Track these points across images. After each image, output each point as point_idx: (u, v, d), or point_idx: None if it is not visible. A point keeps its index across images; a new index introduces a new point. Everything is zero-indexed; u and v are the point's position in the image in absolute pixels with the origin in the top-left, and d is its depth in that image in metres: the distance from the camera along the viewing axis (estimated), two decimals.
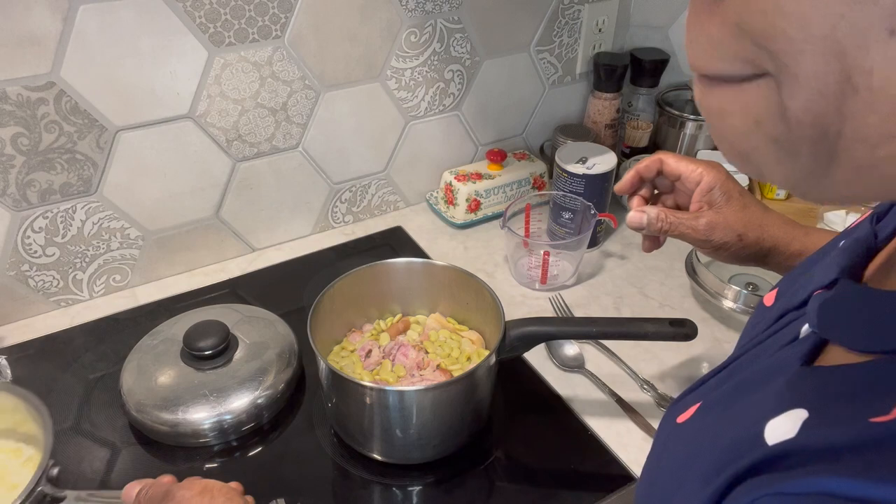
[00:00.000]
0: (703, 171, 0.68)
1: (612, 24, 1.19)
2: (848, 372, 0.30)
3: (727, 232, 0.66)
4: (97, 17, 0.78)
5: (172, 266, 1.00)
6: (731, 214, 0.66)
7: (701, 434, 0.37)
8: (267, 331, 0.84)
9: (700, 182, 0.67)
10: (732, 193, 0.67)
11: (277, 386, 0.78)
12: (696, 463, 0.34)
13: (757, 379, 0.36)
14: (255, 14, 0.87)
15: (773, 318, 0.41)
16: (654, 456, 0.43)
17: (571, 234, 1.04)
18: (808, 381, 0.32)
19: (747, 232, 0.65)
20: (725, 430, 0.34)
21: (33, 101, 0.79)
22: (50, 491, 0.58)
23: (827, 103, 0.24)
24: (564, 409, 0.81)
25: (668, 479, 0.38)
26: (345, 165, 1.07)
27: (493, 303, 0.76)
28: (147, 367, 0.79)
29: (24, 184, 0.84)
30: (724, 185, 0.67)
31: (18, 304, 0.91)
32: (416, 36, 1.01)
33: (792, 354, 0.35)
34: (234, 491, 0.56)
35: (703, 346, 0.89)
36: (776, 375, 0.34)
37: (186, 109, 0.89)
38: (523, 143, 1.23)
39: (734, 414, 0.35)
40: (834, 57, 0.23)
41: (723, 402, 0.38)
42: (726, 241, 0.66)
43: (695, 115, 1.17)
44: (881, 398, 0.27)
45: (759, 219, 0.66)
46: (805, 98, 0.24)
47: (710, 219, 0.66)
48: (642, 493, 0.42)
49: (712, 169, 0.68)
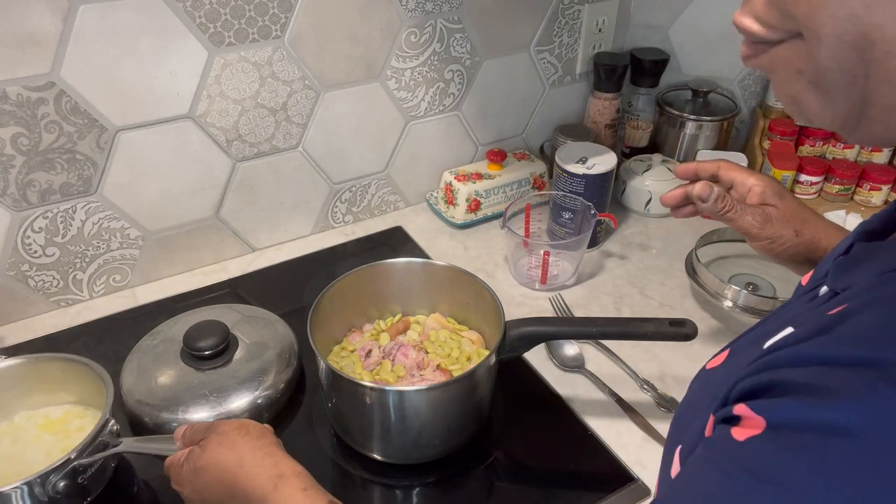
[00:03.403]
0: (755, 178, 0.72)
1: (612, 24, 1.19)
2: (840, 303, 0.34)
3: (784, 225, 0.68)
4: (97, 17, 0.78)
5: (172, 266, 1.00)
6: (787, 210, 0.69)
7: (724, 372, 0.41)
8: (267, 331, 0.84)
9: (751, 188, 0.71)
10: (784, 194, 0.71)
11: (277, 386, 0.78)
12: (717, 392, 0.37)
13: (777, 323, 0.39)
14: (255, 14, 0.87)
15: (804, 292, 0.45)
16: (682, 404, 0.46)
17: (571, 234, 1.04)
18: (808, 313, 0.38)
19: (803, 229, 0.68)
20: (742, 362, 0.37)
21: (33, 101, 0.79)
22: (108, 439, 0.66)
23: (849, 54, 0.30)
24: (564, 409, 0.81)
25: (691, 415, 0.41)
26: (345, 165, 1.07)
27: (493, 303, 0.76)
28: (147, 366, 0.79)
29: (24, 184, 0.84)
30: (776, 187, 0.71)
31: (18, 304, 0.91)
32: (416, 36, 1.01)
33: (811, 303, 0.40)
34: (267, 430, 0.59)
35: (703, 346, 0.89)
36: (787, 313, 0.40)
37: (186, 109, 0.89)
38: (523, 143, 1.23)
39: (752, 349, 0.39)
40: (847, 18, 0.29)
41: (745, 345, 0.42)
42: (782, 234, 0.68)
43: (695, 115, 1.17)
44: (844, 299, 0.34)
45: (814, 219, 0.70)
46: (829, 52, 0.31)
47: (768, 211, 0.69)
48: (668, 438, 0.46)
49: (763, 176, 0.72)
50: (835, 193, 1.12)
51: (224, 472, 0.55)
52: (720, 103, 1.20)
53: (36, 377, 0.73)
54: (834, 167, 1.11)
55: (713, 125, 1.17)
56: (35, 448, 0.70)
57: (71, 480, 0.63)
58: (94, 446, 0.64)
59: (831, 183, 1.11)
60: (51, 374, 0.72)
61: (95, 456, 0.64)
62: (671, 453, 0.42)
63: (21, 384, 0.72)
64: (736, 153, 1.14)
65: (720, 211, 0.70)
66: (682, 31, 1.21)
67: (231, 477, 0.55)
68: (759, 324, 0.47)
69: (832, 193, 1.12)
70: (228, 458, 0.56)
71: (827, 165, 1.11)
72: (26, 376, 0.72)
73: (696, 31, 1.20)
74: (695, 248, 0.96)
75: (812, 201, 1.12)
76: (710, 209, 0.70)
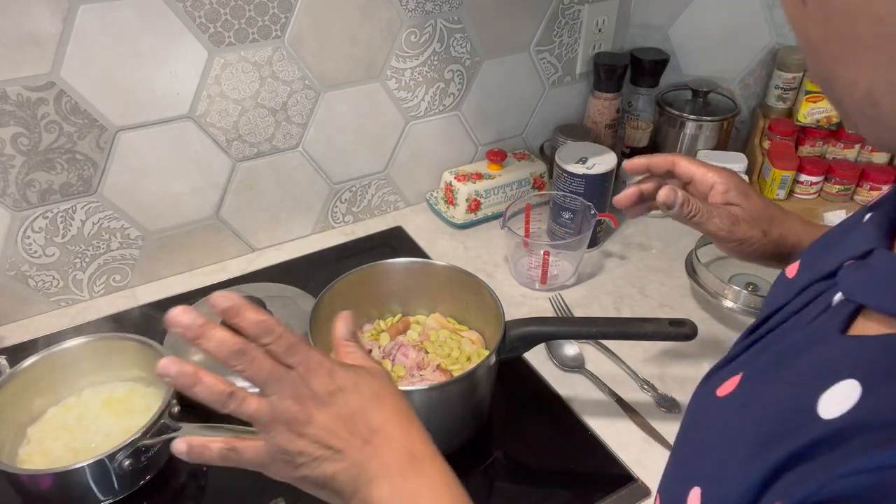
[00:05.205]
0: (716, 175, 0.68)
1: (612, 24, 1.19)
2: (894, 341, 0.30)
3: (751, 226, 0.66)
4: (97, 17, 0.78)
5: (172, 266, 1.00)
6: (753, 210, 0.67)
7: (746, 406, 0.37)
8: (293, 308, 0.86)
9: (713, 185, 0.68)
10: (749, 193, 0.68)
11: None
12: (742, 434, 0.34)
13: (795, 349, 0.36)
14: (255, 14, 0.87)
15: (798, 288, 0.41)
16: (689, 433, 0.42)
17: (571, 234, 1.04)
18: (852, 352, 0.32)
19: (771, 228, 0.66)
20: (771, 401, 0.34)
21: (33, 101, 0.79)
22: (170, 423, 0.68)
23: None
24: (564, 409, 0.81)
25: (709, 453, 0.37)
26: (345, 165, 1.07)
27: (493, 303, 0.76)
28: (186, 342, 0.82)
29: (24, 184, 0.84)
30: (740, 186, 0.68)
31: (18, 304, 0.91)
32: (416, 36, 1.01)
33: (828, 323, 0.35)
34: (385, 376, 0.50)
35: (703, 346, 0.89)
36: (815, 345, 0.35)
37: (186, 109, 0.89)
38: (523, 143, 1.23)
39: (778, 384, 0.35)
40: None
41: (765, 372, 0.38)
42: (750, 236, 0.66)
43: (695, 115, 1.17)
44: None
45: (781, 217, 0.67)
46: None
47: (734, 213, 0.66)
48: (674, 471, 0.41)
49: (725, 172, 0.69)
50: (835, 193, 1.12)
51: None
52: (720, 103, 1.20)
53: (104, 355, 0.76)
54: (834, 167, 1.11)
55: (713, 125, 1.17)
56: (97, 425, 0.73)
57: (135, 459, 0.67)
58: (157, 427, 0.68)
59: (831, 183, 1.11)
60: (118, 352, 0.76)
61: (158, 438, 0.67)
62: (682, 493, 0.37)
63: (90, 361, 0.76)
64: (736, 153, 1.14)
65: (687, 215, 0.66)
66: (682, 31, 1.21)
67: None
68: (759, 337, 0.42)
69: (832, 193, 1.12)
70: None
71: (827, 165, 1.11)
72: (95, 354, 0.76)
73: (696, 31, 1.20)
74: (695, 248, 0.96)
75: (812, 201, 1.12)
76: (675, 214, 0.67)
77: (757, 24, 1.16)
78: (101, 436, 0.72)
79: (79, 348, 0.75)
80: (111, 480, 0.66)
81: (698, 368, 0.86)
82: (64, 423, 0.73)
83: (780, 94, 1.17)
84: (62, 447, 0.71)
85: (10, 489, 0.66)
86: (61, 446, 0.71)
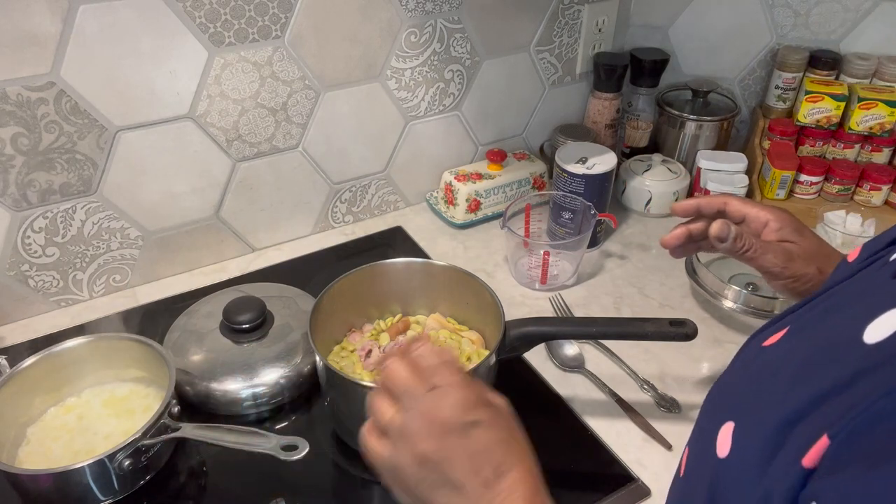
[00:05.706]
0: (769, 213, 0.68)
1: (612, 24, 1.19)
2: None
3: (807, 263, 0.65)
4: (97, 17, 0.78)
5: (172, 266, 1.00)
6: (808, 248, 0.66)
7: (792, 350, 0.37)
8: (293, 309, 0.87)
9: (767, 223, 0.68)
10: (804, 231, 0.68)
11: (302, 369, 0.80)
12: (785, 369, 0.34)
13: (846, 300, 0.36)
14: (255, 14, 0.87)
15: (857, 267, 0.42)
16: (731, 379, 0.42)
17: (571, 234, 1.04)
18: None
19: (826, 266, 0.65)
20: (817, 340, 0.34)
21: (33, 101, 0.79)
22: (170, 423, 0.69)
23: None
24: (564, 409, 0.81)
25: (748, 391, 0.37)
26: (345, 165, 1.07)
27: (493, 303, 0.76)
28: (187, 340, 0.82)
29: (24, 184, 0.84)
30: (794, 224, 0.68)
31: (18, 304, 0.91)
32: (416, 36, 1.01)
33: (882, 272, 0.36)
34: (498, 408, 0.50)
35: (703, 346, 0.89)
36: (867, 291, 0.35)
37: (186, 109, 0.89)
38: (523, 143, 1.23)
39: (827, 327, 0.35)
40: None
41: (813, 322, 0.38)
42: (805, 273, 0.65)
43: (695, 115, 1.17)
44: None
45: (836, 255, 0.66)
46: None
47: (790, 249, 0.66)
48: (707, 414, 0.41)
49: (777, 210, 0.69)
50: (835, 193, 1.12)
51: None
52: (720, 103, 1.20)
53: (105, 355, 0.76)
54: (834, 167, 1.11)
55: (713, 125, 1.17)
56: (98, 425, 0.73)
57: (135, 459, 0.67)
58: (157, 427, 0.68)
59: (831, 183, 1.11)
60: (118, 352, 0.76)
61: (158, 438, 0.68)
62: (714, 429, 0.37)
63: (90, 362, 0.76)
64: (736, 153, 1.14)
65: (740, 250, 0.66)
66: (682, 31, 1.21)
67: None
68: (817, 298, 0.42)
69: (832, 193, 1.12)
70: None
71: (827, 165, 1.11)
72: (95, 354, 0.76)
73: (696, 31, 1.20)
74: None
75: (812, 201, 1.12)
76: (728, 249, 0.66)
77: (757, 24, 1.16)
78: (101, 436, 0.72)
79: (79, 348, 0.75)
80: (111, 480, 0.66)
81: (698, 368, 0.86)
82: (64, 424, 0.73)
83: (780, 94, 1.17)
84: (62, 447, 0.71)
85: (10, 489, 0.66)
86: (61, 446, 0.71)
